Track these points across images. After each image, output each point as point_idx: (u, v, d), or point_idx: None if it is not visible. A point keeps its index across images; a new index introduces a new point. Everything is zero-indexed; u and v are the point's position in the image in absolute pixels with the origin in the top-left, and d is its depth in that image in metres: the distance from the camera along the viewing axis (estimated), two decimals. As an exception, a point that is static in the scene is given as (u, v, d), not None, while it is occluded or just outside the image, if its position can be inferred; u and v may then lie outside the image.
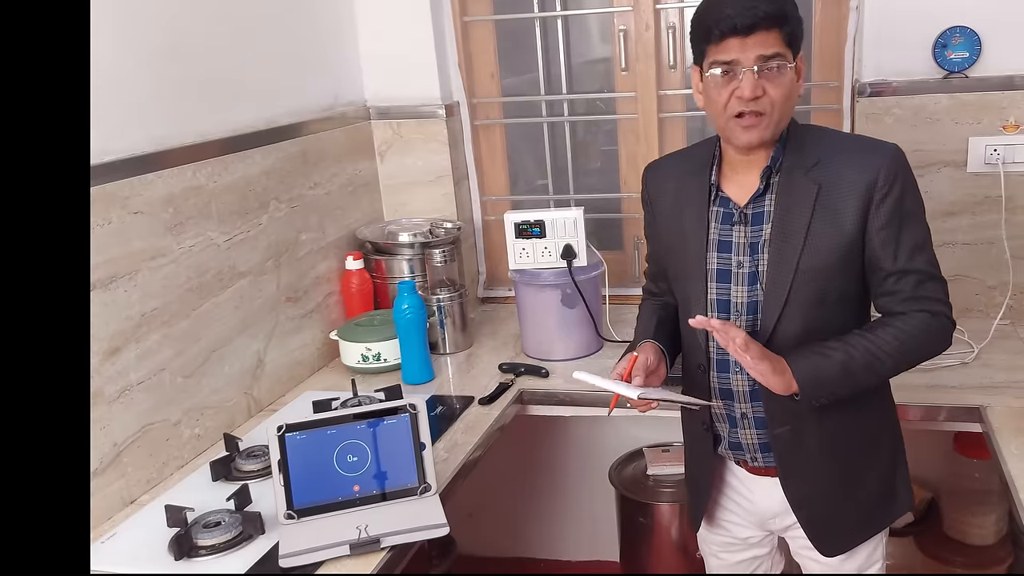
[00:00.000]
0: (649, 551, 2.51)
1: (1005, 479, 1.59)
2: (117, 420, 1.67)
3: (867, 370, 1.43)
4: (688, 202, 1.54)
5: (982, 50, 2.15)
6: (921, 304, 1.44)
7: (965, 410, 1.87)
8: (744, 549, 1.72)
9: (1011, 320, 2.25)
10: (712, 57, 1.40)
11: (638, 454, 2.65)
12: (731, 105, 1.40)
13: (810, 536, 1.57)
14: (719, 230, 1.51)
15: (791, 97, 1.42)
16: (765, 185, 1.47)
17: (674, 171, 1.61)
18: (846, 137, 1.57)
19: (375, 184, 2.60)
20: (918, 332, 1.44)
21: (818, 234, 1.43)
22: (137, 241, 1.70)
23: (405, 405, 1.59)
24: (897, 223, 1.42)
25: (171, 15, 1.82)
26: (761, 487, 1.61)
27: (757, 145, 1.44)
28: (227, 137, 1.97)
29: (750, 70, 1.37)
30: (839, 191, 1.43)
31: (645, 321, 1.67)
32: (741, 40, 1.36)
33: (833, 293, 1.46)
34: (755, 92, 1.38)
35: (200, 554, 1.48)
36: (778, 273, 1.45)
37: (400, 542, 1.46)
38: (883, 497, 1.60)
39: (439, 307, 2.33)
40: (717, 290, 1.51)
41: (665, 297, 1.71)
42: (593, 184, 2.79)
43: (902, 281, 1.44)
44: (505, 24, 2.64)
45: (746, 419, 1.55)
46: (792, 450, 1.52)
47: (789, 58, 1.40)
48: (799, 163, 1.46)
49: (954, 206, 2.25)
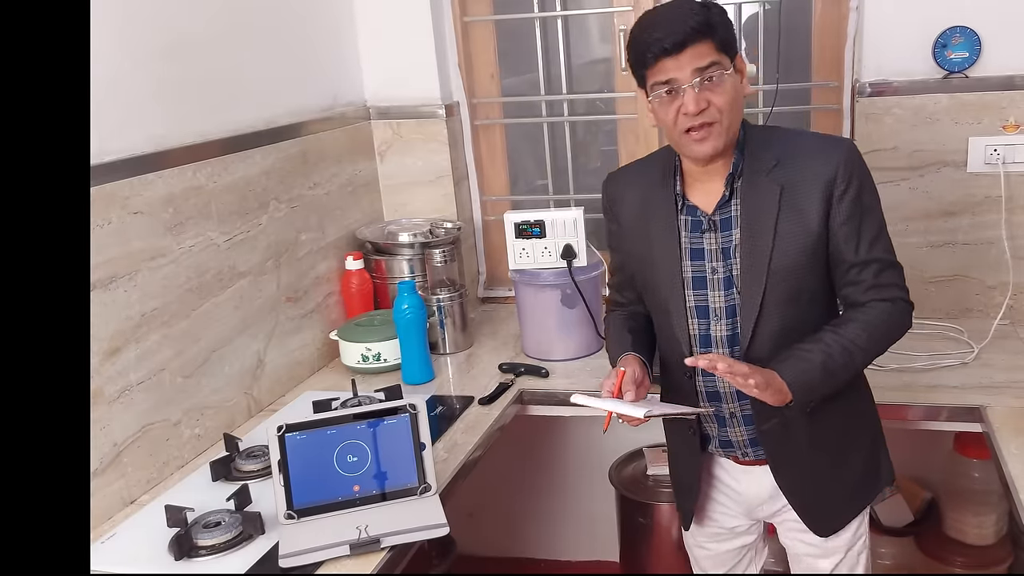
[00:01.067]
0: (649, 551, 2.51)
1: (1005, 479, 1.60)
2: (117, 420, 1.67)
3: (845, 367, 1.48)
4: (655, 213, 1.57)
5: (982, 50, 2.15)
6: (881, 292, 1.50)
7: (965, 410, 1.87)
8: (731, 538, 1.75)
9: (1011, 320, 2.25)
10: (652, 80, 1.43)
11: (638, 454, 2.65)
12: (680, 122, 1.43)
13: (805, 520, 1.61)
14: (690, 238, 1.54)
15: (737, 100, 1.45)
16: (730, 191, 1.50)
17: (635, 181, 1.63)
18: (799, 135, 1.60)
19: (375, 184, 2.60)
20: (881, 322, 1.50)
21: (785, 234, 1.47)
22: (137, 241, 1.70)
23: (405, 405, 1.59)
24: (858, 217, 1.47)
25: (171, 15, 1.82)
26: (750, 476, 1.64)
27: (711, 155, 1.46)
28: (227, 137, 1.97)
29: (690, 86, 1.40)
30: (801, 190, 1.47)
31: (618, 334, 1.68)
32: (675, 59, 1.39)
33: (805, 291, 1.50)
34: (699, 106, 1.40)
35: (200, 554, 1.48)
36: (751, 276, 1.48)
37: (400, 542, 1.46)
38: (868, 475, 1.66)
39: (439, 307, 2.33)
40: (695, 297, 1.54)
41: (632, 307, 1.73)
42: (593, 184, 2.77)
43: (864, 271, 1.49)
44: (505, 24, 2.64)
45: (735, 418, 1.58)
46: (781, 442, 1.56)
47: (726, 64, 1.42)
48: (759, 167, 1.49)
49: (954, 206, 2.25)
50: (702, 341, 1.55)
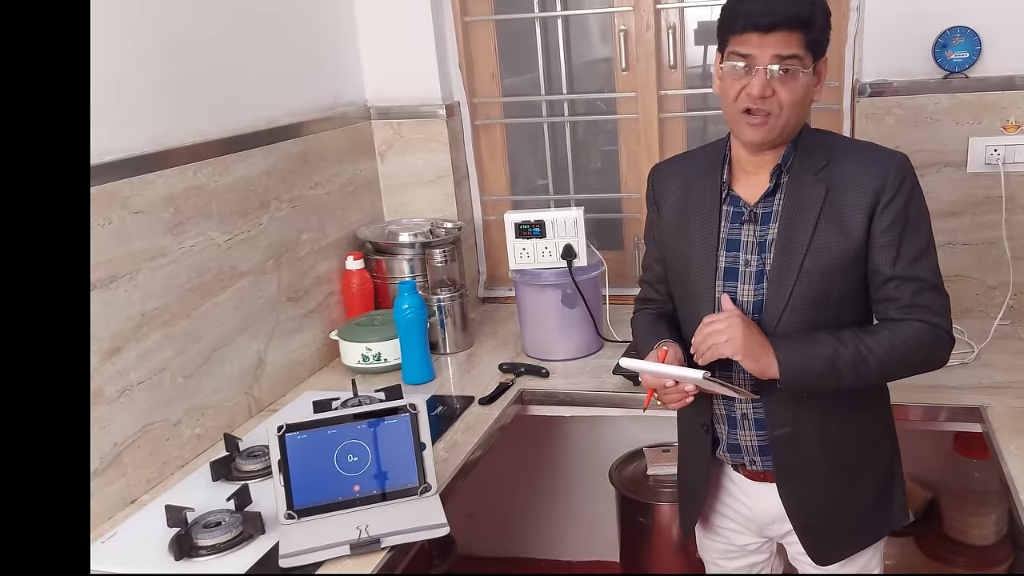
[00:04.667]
0: (649, 551, 2.51)
1: (1005, 479, 1.59)
2: (117, 420, 1.67)
3: (854, 370, 1.42)
4: (697, 202, 1.55)
5: (982, 50, 2.14)
6: (918, 313, 1.44)
7: (965, 410, 1.87)
8: (742, 556, 1.72)
9: (1011, 320, 2.25)
10: (731, 48, 1.41)
11: (638, 454, 2.65)
12: (741, 99, 1.41)
13: (804, 543, 1.57)
14: (728, 228, 1.52)
15: (803, 101, 1.42)
16: (775, 184, 1.48)
17: (679, 173, 1.61)
18: (856, 143, 1.59)
19: (375, 184, 2.60)
20: (912, 340, 1.44)
21: (824, 236, 1.44)
22: (138, 241, 1.71)
23: (405, 405, 1.59)
24: (900, 228, 1.43)
25: (172, 15, 1.82)
26: (759, 493, 1.60)
27: (760, 143, 1.44)
28: (227, 137, 1.97)
29: (764, 68, 1.38)
30: (847, 195, 1.44)
31: (652, 325, 1.64)
32: (761, 36, 1.37)
33: (835, 294, 1.46)
34: (764, 91, 1.38)
35: (200, 554, 1.48)
36: (783, 272, 1.46)
37: (400, 542, 1.46)
38: (878, 508, 1.60)
39: (439, 307, 2.33)
40: (724, 288, 1.51)
41: (664, 305, 1.69)
42: (593, 184, 2.79)
43: (902, 288, 1.44)
44: (505, 24, 2.64)
45: (746, 420, 1.55)
46: (791, 452, 1.53)
47: (807, 62, 1.40)
48: (808, 166, 1.47)
49: (954, 206, 2.25)
50: None
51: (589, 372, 2.19)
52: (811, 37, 1.39)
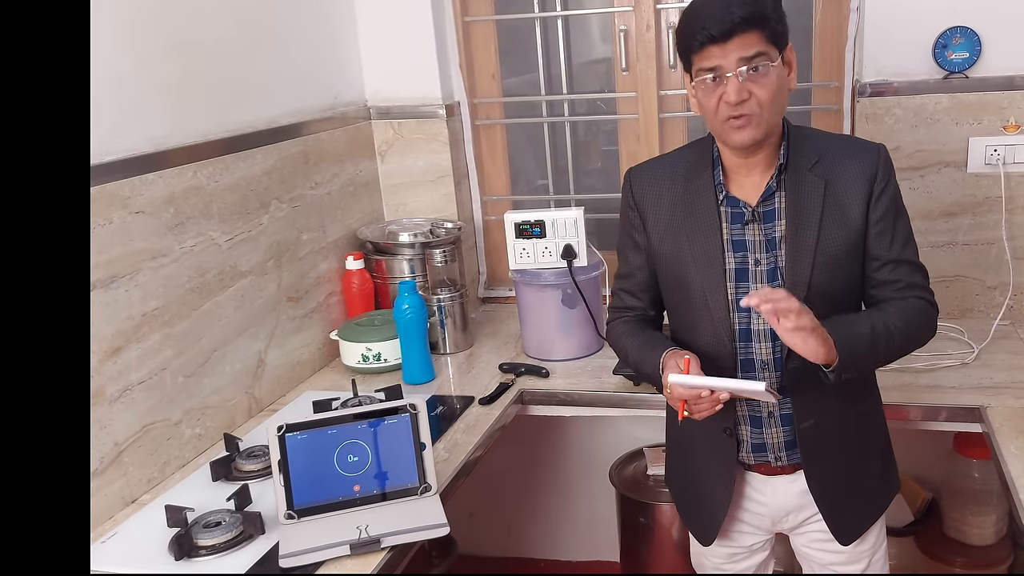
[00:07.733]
0: (649, 551, 2.51)
1: (1005, 479, 1.60)
2: (118, 420, 1.67)
3: (887, 346, 1.48)
4: (692, 205, 1.54)
5: (982, 50, 2.15)
6: (916, 291, 1.52)
7: (965, 410, 1.87)
8: (747, 557, 1.72)
9: (1011, 320, 2.25)
10: (697, 65, 1.43)
11: (638, 454, 2.65)
12: (721, 109, 1.42)
13: (831, 526, 1.60)
14: (731, 229, 1.52)
15: (781, 93, 1.44)
16: (777, 183, 1.50)
17: (665, 175, 1.59)
18: (836, 137, 1.60)
19: (375, 184, 2.61)
20: (919, 317, 1.51)
21: (829, 228, 1.48)
22: (138, 241, 1.71)
23: (405, 405, 1.59)
24: (892, 215, 1.50)
25: (172, 15, 1.82)
26: (774, 488, 1.61)
27: (751, 144, 1.45)
28: (228, 137, 1.98)
29: (734, 75, 1.39)
30: (843, 187, 1.49)
31: (644, 336, 1.60)
32: (721, 46, 1.38)
33: (843, 285, 1.51)
34: (740, 96, 1.40)
35: (200, 554, 1.48)
36: (798, 267, 1.48)
37: (400, 542, 1.46)
38: (881, 481, 1.67)
39: (439, 307, 2.33)
40: (736, 290, 1.52)
41: (643, 313, 1.66)
42: (593, 184, 2.79)
43: (898, 270, 1.51)
44: (506, 24, 2.64)
45: (772, 417, 1.56)
46: (816, 444, 1.56)
47: (773, 55, 1.41)
48: (802, 162, 1.50)
49: (954, 206, 2.25)
50: (742, 335, 1.52)
51: (589, 372, 2.19)
52: (769, 30, 1.40)
